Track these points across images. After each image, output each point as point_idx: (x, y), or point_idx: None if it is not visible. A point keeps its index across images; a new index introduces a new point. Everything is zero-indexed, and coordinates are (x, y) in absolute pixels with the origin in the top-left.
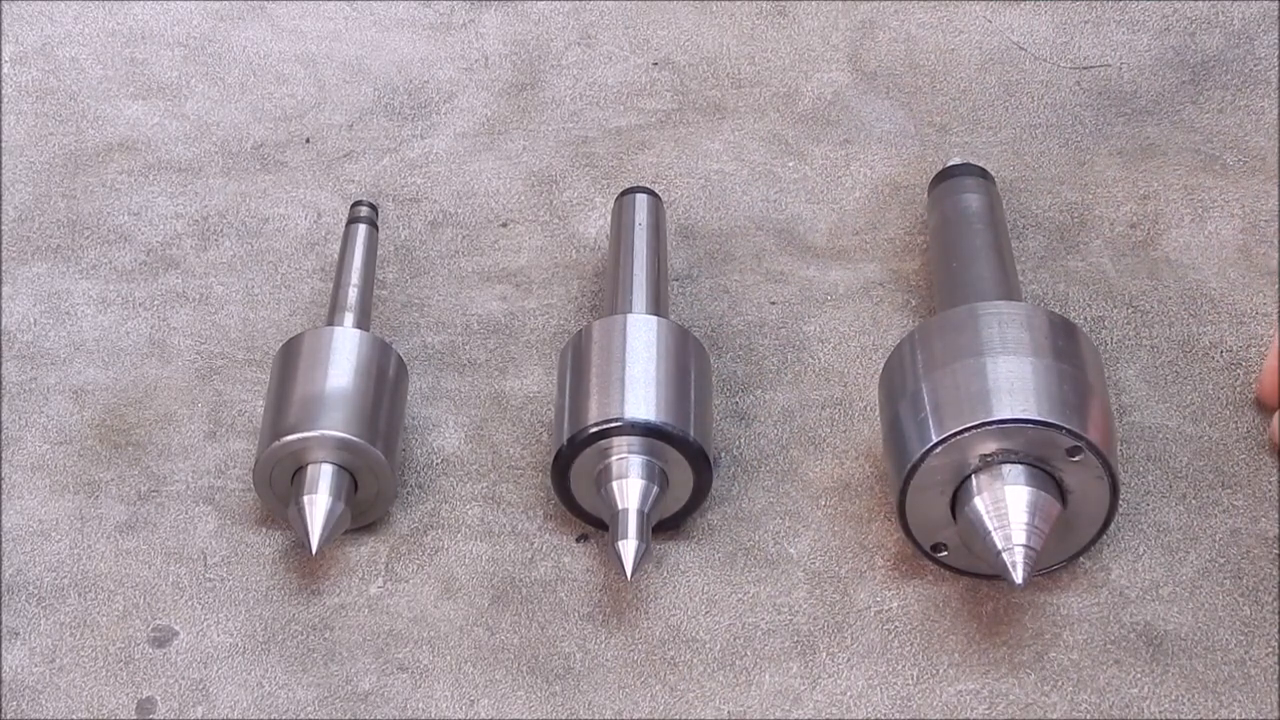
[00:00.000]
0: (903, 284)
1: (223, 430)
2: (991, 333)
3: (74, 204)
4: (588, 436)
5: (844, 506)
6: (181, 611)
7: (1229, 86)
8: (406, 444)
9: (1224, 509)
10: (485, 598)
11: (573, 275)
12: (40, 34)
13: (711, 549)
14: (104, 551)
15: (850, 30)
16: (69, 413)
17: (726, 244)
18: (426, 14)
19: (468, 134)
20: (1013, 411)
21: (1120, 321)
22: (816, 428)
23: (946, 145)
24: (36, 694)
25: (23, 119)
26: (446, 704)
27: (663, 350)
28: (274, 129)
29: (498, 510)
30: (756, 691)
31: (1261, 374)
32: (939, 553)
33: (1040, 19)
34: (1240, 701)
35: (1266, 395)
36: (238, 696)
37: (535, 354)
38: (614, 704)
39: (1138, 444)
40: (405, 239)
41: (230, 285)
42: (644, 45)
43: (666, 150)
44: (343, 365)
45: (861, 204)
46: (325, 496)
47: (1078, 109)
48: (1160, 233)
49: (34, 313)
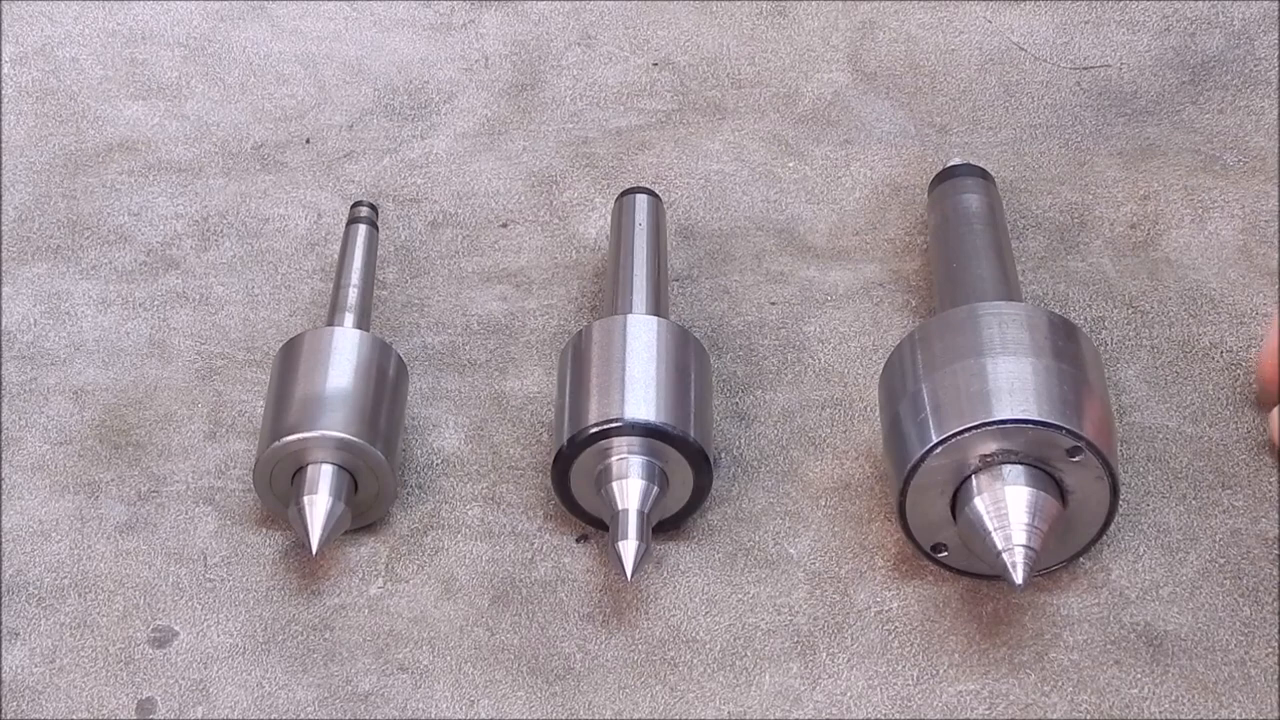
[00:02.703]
0: (903, 284)
1: (223, 430)
2: (991, 333)
3: (74, 204)
4: (588, 437)
5: (844, 507)
6: (181, 612)
7: (1229, 87)
8: (406, 444)
9: (1224, 509)
10: (485, 598)
11: (573, 275)
12: (40, 34)
13: (711, 549)
14: (104, 552)
15: (850, 30)
16: (69, 413)
17: (726, 244)
18: (426, 14)
19: (468, 134)
20: (1013, 412)
21: (1120, 321)
22: (816, 428)
23: (946, 145)
24: (36, 694)
25: (23, 119)
26: (446, 704)
27: (663, 350)
28: (274, 129)
29: (498, 510)
30: (756, 691)
31: (1260, 355)
32: (939, 553)
33: (1040, 19)
34: (1240, 702)
35: (1266, 378)
36: (238, 697)
37: (535, 354)
38: (614, 704)
39: (1138, 444)
40: (405, 239)
41: (230, 285)
42: (644, 45)
43: (666, 150)
44: (343, 365)
45: (861, 204)
46: (325, 497)
47: (1078, 109)
48: (1160, 233)
49: (34, 313)
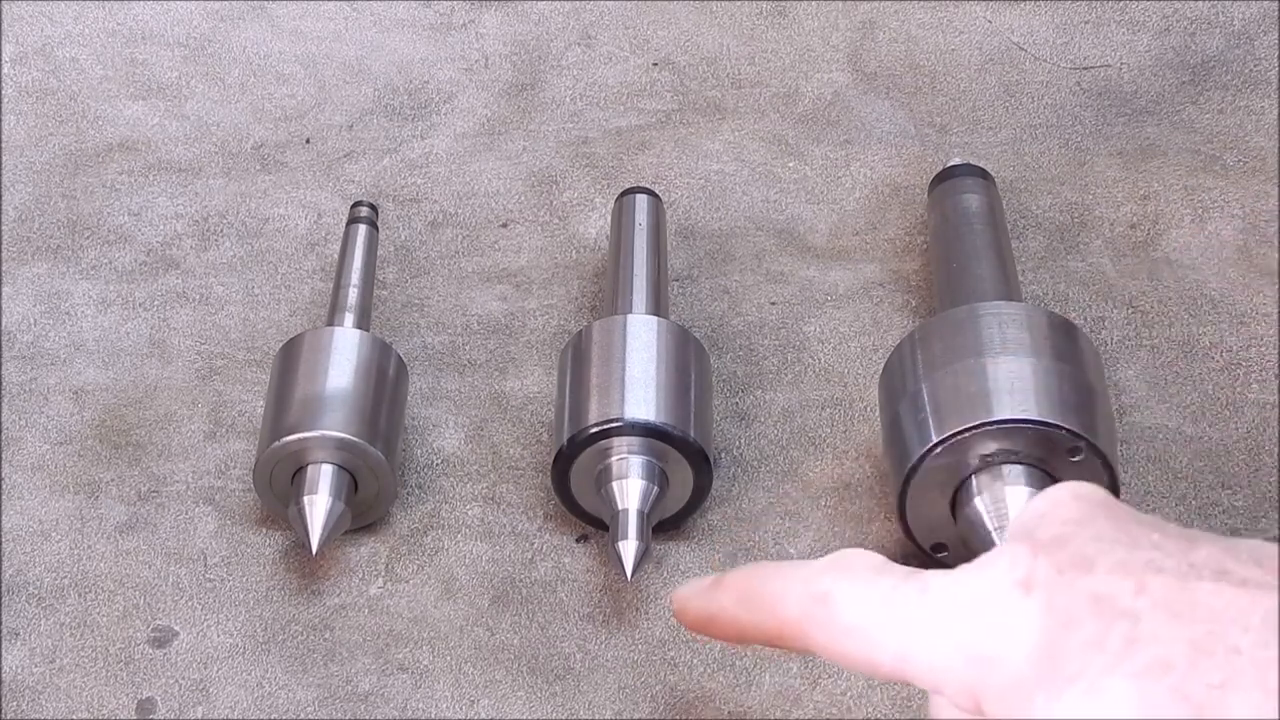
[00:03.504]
0: (903, 284)
1: (223, 430)
2: (991, 333)
3: (74, 204)
4: (588, 437)
5: (844, 506)
6: (181, 612)
7: (1229, 87)
8: (406, 444)
9: (1224, 509)
10: (485, 598)
11: (573, 275)
12: (40, 34)
13: (711, 549)
14: (104, 552)
15: (850, 30)
16: (69, 413)
17: (726, 244)
18: (426, 14)
19: (468, 134)
20: (1013, 412)
21: (1120, 321)
22: (816, 428)
23: (946, 145)
24: (36, 694)
25: (23, 119)
26: (446, 704)
27: (663, 350)
28: (274, 129)
29: (498, 510)
30: (756, 691)
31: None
32: (939, 553)
33: (1040, 19)
34: None
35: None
36: (238, 697)
37: (535, 354)
38: (614, 704)
39: (1138, 444)
40: (405, 239)
41: (230, 285)
42: (644, 45)
43: (666, 150)
44: (343, 365)
45: (861, 204)
46: (325, 497)
47: (1078, 109)
48: (1160, 233)
49: (34, 313)
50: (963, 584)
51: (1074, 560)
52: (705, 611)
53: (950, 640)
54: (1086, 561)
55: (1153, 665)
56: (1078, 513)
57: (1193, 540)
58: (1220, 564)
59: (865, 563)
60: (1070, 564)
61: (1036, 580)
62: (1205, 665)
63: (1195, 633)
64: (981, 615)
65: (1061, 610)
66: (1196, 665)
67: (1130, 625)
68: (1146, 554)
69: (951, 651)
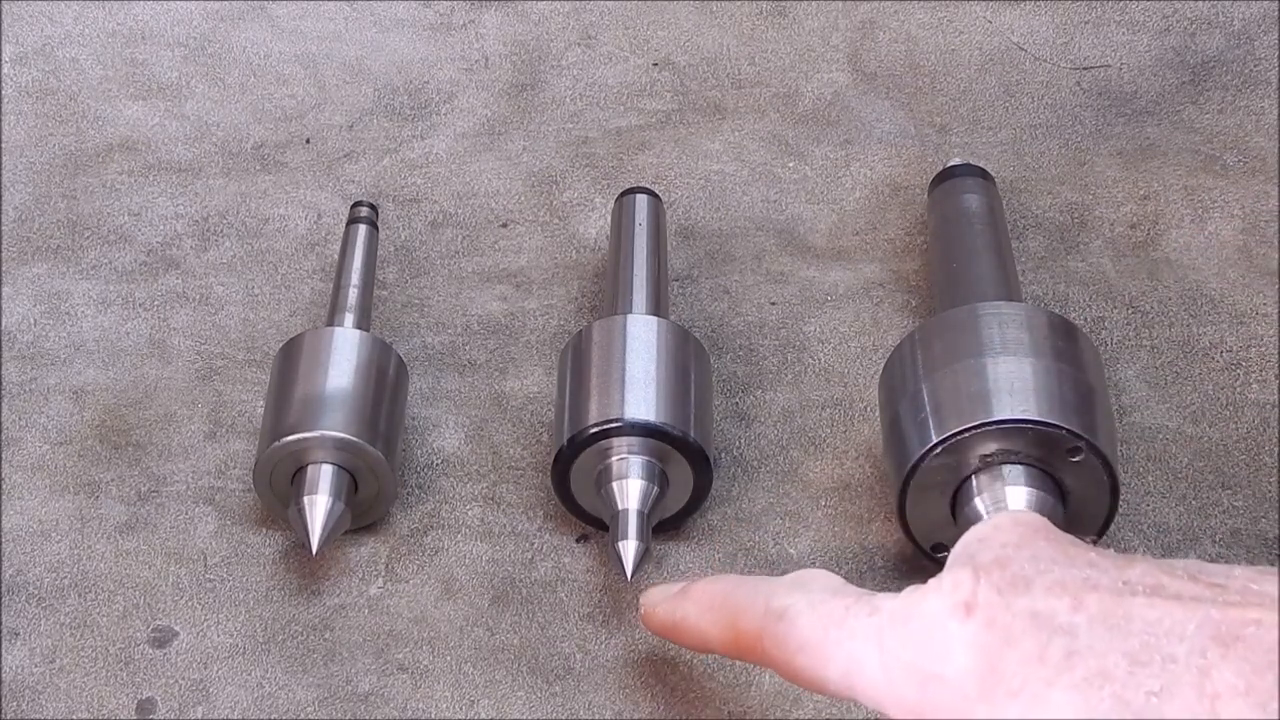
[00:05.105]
0: (903, 284)
1: (223, 430)
2: (991, 333)
3: (74, 204)
4: (588, 437)
5: (844, 507)
6: (181, 612)
7: (1229, 87)
8: (406, 444)
9: (1224, 509)
10: (485, 598)
11: (573, 275)
12: (40, 34)
13: (711, 550)
14: (104, 552)
15: (850, 30)
16: (69, 413)
17: (726, 244)
18: (426, 14)
19: (468, 134)
20: (1013, 412)
21: (1120, 322)
22: (816, 428)
23: (946, 146)
24: (36, 694)
25: (23, 119)
26: (446, 704)
27: (663, 350)
28: (274, 129)
29: (498, 511)
30: (756, 691)
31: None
32: (939, 553)
33: (1040, 19)
34: None
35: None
36: (238, 697)
37: (535, 354)
38: (614, 704)
39: (1138, 444)
40: (405, 239)
41: (230, 286)
42: (644, 45)
43: (666, 150)
44: (343, 366)
45: (861, 204)
46: (325, 497)
47: (1078, 109)
48: (1160, 233)
49: (34, 313)
50: (909, 606)
51: (1013, 581)
52: (670, 618)
53: (896, 660)
54: (1024, 581)
55: (1092, 676)
56: (1017, 536)
57: (1128, 560)
58: (1155, 580)
59: (822, 583)
60: (1009, 584)
61: (978, 601)
62: (1142, 675)
63: (1131, 645)
64: (926, 636)
65: (1002, 629)
66: (1134, 675)
67: (1069, 640)
68: (1082, 572)
69: (897, 671)
